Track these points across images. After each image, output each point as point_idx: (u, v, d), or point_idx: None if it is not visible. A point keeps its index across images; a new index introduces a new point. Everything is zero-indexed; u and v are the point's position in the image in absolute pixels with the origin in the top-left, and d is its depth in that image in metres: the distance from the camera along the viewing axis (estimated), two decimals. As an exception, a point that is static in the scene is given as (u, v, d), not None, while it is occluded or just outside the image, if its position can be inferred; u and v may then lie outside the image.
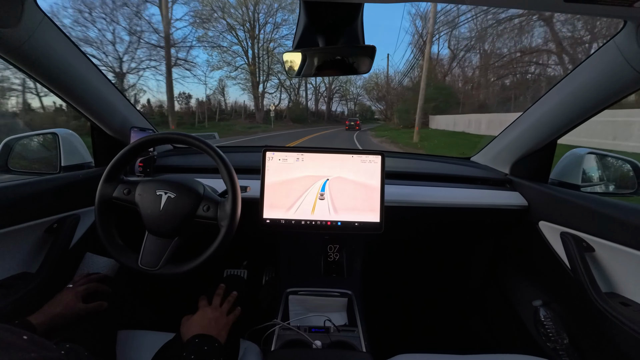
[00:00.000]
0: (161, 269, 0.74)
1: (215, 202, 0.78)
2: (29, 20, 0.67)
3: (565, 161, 1.08)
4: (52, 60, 0.79)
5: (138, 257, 0.76)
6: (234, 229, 0.75)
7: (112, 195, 0.78)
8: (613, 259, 0.79)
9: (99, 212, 0.77)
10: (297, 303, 1.05)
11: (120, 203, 0.78)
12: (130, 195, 0.78)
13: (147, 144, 0.80)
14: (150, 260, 0.75)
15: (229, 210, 0.74)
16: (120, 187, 0.78)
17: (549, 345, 0.98)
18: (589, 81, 0.80)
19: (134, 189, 0.78)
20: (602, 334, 0.83)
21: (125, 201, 0.78)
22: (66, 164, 1.02)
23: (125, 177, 1.04)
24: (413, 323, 1.48)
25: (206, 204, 0.77)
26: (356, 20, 0.67)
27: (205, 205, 0.77)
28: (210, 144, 0.77)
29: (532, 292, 1.12)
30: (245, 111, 31.51)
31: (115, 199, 0.78)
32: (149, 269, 0.74)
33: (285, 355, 0.83)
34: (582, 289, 0.79)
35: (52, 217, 0.88)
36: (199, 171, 1.18)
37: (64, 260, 0.89)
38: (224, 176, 0.76)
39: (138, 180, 0.81)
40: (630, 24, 0.64)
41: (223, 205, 0.77)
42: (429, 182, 1.19)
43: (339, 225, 0.97)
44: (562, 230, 0.91)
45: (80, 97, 0.94)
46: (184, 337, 0.70)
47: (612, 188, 1.11)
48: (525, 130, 1.06)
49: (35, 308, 0.70)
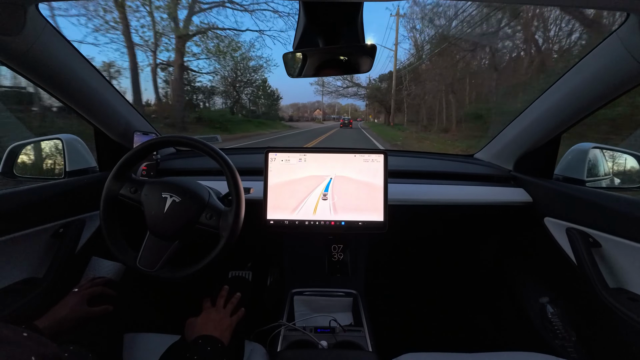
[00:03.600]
0: (158, 272, 0.75)
1: (218, 211, 0.78)
2: (31, 27, 0.68)
3: (569, 156, 1.07)
4: (55, 66, 0.80)
5: (137, 257, 0.76)
6: (233, 239, 0.76)
7: (119, 192, 0.79)
8: (620, 254, 0.78)
9: (104, 208, 0.77)
10: (302, 303, 1.05)
11: (126, 200, 0.79)
12: (137, 194, 0.78)
13: (156, 146, 0.81)
14: (148, 261, 0.76)
15: (231, 221, 0.75)
16: (127, 185, 0.79)
17: (556, 343, 0.97)
18: (592, 74, 0.79)
19: (141, 189, 0.79)
20: (610, 330, 0.82)
21: (131, 199, 0.79)
22: (71, 169, 1.03)
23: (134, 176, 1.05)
24: (419, 322, 1.48)
25: (209, 212, 0.78)
26: (356, 20, 0.67)
27: (208, 213, 0.77)
28: (213, 146, 0.78)
29: (539, 289, 1.11)
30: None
31: (122, 196, 0.79)
32: (147, 269, 0.75)
33: (292, 355, 0.83)
34: (589, 285, 0.79)
35: (57, 222, 0.88)
36: (202, 173, 1.18)
37: (70, 264, 0.90)
38: (229, 182, 0.77)
39: (145, 180, 0.82)
40: (633, 17, 0.64)
41: (226, 215, 0.77)
42: (433, 180, 1.18)
43: (343, 225, 0.97)
44: (568, 226, 0.90)
45: (84, 103, 0.94)
46: (188, 339, 0.70)
47: (617, 182, 1.10)
48: (529, 126, 1.05)
49: (42, 312, 0.70)
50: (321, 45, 0.72)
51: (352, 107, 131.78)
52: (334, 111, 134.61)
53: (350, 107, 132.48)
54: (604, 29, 6.54)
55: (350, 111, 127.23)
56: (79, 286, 0.81)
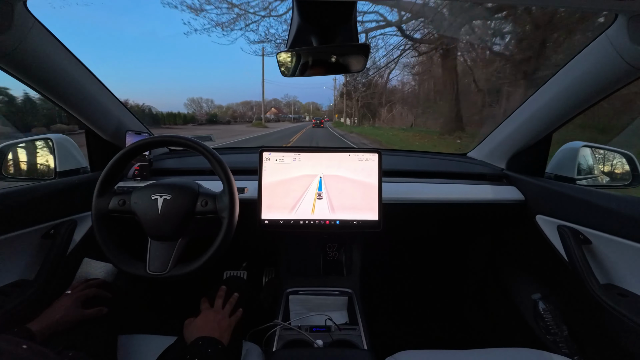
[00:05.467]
0: (171, 272, 0.74)
1: (212, 196, 0.78)
2: (19, 25, 0.66)
3: (560, 155, 1.09)
4: (44, 65, 0.78)
5: (145, 265, 0.75)
6: (235, 217, 0.76)
7: (109, 208, 0.77)
8: (610, 250, 0.79)
9: (98, 228, 0.76)
10: (298, 303, 1.05)
11: (118, 215, 0.77)
12: (126, 205, 0.77)
13: (138, 150, 0.79)
14: (158, 265, 0.74)
15: (227, 200, 0.75)
16: (114, 199, 0.77)
17: (548, 338, 0.99)
18: (582, 74, 0.80)
19: (129, 199, 0.77)
20: (601, 325, 0.84)
21: (122, 212, 0.77)
22: (61, 169, 1.01)
23: (119, 187, 1.03)
24: (413, 319, 1.49)
25: (203, 199, 0.77)
26: (349, 19, 0.67)
27: (202, 200, 0.77)
28: (204, 144, 0.77)
29: (531, 285, 1.13)
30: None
31: (112, 212, 0.77)
32: (159, 273, 0.74)
33: (287, 355, 0.83)
34: (579, 281, 0.80)
35: (48, 223, 0.87)
36: (196, 173, 1.17)
37: (62, 266, 0.88)
38: (218, 171, 0.77)
39: (131, 189, 0.81)
40: (621, 18, 0.65)
41: (220, 197, 0.77)
42: (426, 179, 1.19)
43: (338, 224, 0.98)
44: (559, 224, 0.91)
45: (74, 102, 0.93)
46: (187, 340, 0.70)
47: (607, 180, 1.12)
48: (520, 125, 1.06)
49: (34, 315, 0.69)
50: (315, 45, 0.72)
51: (313, 106, 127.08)
52: (292, 110, 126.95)
53: (312, 105, 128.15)
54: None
55: (312, 110, 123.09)
56: (72, 288, 0.80)
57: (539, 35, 7.50)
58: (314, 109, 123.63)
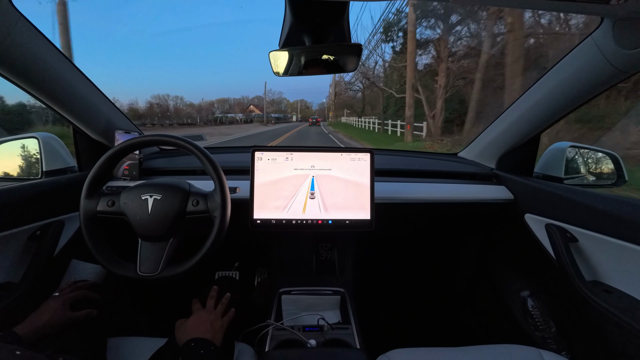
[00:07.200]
0: (162, 273, 0.73)
1: (203, 195, 0.77)
2: (3, 21, 0.65)
3: (548, 155, 1.11)
4: (30, 62, 0.76)
5: (136, 266, 0.74)
6: (227, 217, 0.75)
7: (97, 210, 0.75)
8: (596, 248, 0.81)
9: (87, 230, 0.74)
10: (290, 303, 1.05)
11: (107, 216, 0.76)
12: (115, 206, 0.75)
13: (128, 149, 0.77)
14: (149, 266, 0.73)
15: (218, 199, 0.74)
16: (103, 200, 0.75)
17: (537, 334, 1.01)
18: (569, 77, 0.82)
19: (118, 199, 0.75)
20: (587, 320, 0.86)
21: (111, 213, 0.75)
22: (48, 168, 0.99)
23: (108, 187, 1.01)
24: (405, 318, 1.50)
25: (194, 198, 0.76)
26: (342, 19, 0.67)
27: (193, 199, 0.76)
28: (194, 143, 0.76)
29: (520, 283, 1.15)
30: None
31: (100, 213, 0.75)
32: (150, 274, 0.73)
33: (280, 355, 0.83)
34: (567, 278, 0.82)
35: (34, 224, 0.85)
36: (187, 173, 1.16)
37: (49, 268, 0.86)
38: (209, 171, 0.76)
39: (120, 189, 0.79)
40: (607, 21, 0.67)
41: (212, 196, 0.76)
42: (418, 178, 1.20)
43: (330, 224, 0.98)
44: (547, 222, 0.93)
45: (62, 100, 0.91)
46: (179, 342, 0.69)
47: (593, 180, 1.15)
48: (510, 125, 1.08)
49: (20, 318, 0.68)
50: (307, 44, 0.72)
51: (302, 104, 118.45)
52: (279, 109, 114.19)
53: (300, 103, 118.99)
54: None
55: (300, 108, 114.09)
56: (59, 290, 0.78)
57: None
58: (302, 107, 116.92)
